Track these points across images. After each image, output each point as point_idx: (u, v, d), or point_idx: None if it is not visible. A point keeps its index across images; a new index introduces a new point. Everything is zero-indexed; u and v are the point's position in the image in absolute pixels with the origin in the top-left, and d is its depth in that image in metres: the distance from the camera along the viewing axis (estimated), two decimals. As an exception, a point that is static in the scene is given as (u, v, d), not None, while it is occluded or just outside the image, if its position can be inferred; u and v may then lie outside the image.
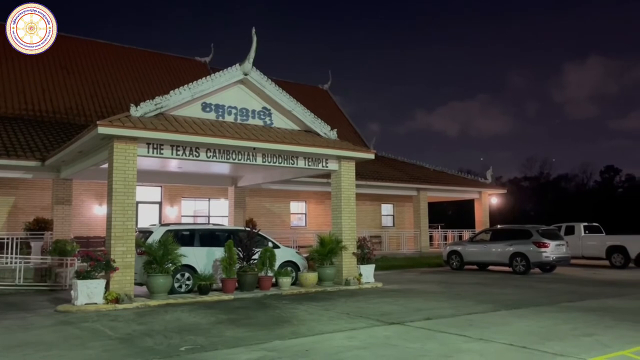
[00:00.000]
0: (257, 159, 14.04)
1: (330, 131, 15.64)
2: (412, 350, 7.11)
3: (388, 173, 26.48)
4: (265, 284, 13.45)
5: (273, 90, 14.59)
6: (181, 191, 22.14)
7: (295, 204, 25.90)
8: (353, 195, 15.68)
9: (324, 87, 34.66)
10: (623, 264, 21.04)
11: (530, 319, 9.49)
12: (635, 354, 6.74)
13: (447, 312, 10.30)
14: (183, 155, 12.92)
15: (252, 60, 14.11)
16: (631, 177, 77.52)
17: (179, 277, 12.79)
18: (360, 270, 15.23)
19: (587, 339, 7.71)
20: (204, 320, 9.53)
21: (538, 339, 7.69)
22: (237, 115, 14.21)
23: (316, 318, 9.72)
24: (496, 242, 20.01)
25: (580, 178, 78.22)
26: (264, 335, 8.16)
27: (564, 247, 19.15)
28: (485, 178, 30.51)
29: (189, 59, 29.90)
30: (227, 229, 15.06)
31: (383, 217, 29.22)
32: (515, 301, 11.74)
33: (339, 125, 20.02)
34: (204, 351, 7.13)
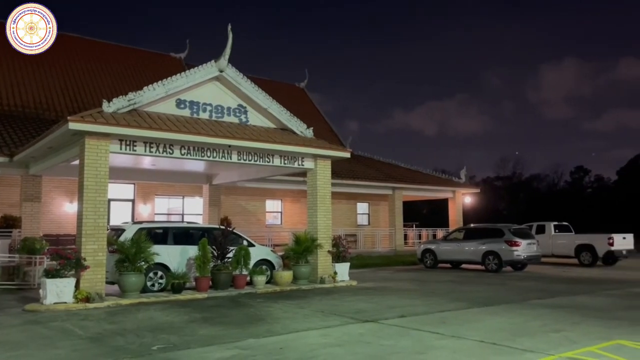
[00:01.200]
0: (232, 156, 13.93)
1: (306, 129, 15.63)
2: (386, 347, 7.16)
3: (364, 172, 26.62)
4: (239, 283, 13.37)
5: (249, 87, 14.50)
6: (155, 189, 21.84)
7: (271, 202, 25.82)
8: (329, 194, 15.70)
9: (300, 85, 34.62)
10: (591, 262, 21.57)
11: (502, 316, 9.65)
12: (601, 349, 6.91)
13: (420, 309, 10.40)
14: (157, 152, 12.75)
15: (227, 56, 14.01)
16: (600, 178, 79.58)
17: (152, 275, 12.62)
18: (335, 269, 15.27)
19: (556, 335, 7.88)
20: (177, 319, 9.43)
21: (508, 335, 7.83)
22: (212, 112, 14.08)
23: (291, 316, 9.71)
24: (469, 240, 20.29)
25: (552, 178, 79.96)
26: (237, 333, 8.12)
27: (535, 245, 19.53)
28: (459, 177, 30.92)
29: (164, 55, 29.52)
30: (201, 227, 14.94)
31: (358, 216, 29.35)
32: (487, 299, 11.93)
33: (316, 124, 20.01)
34: (176, 350, 7.05)
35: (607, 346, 7.09)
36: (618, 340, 7.42)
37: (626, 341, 7.39)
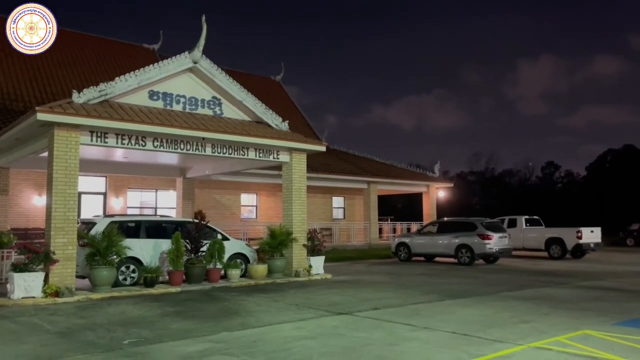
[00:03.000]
0: (206, 149, 13.79)
1: (281, 122, 15.56)
2: (359, 339, 7.20)
3: (339, 166, 26.67)
4: (213, 276, 13.28)
5: (223, 79, 14.35)
6: (127, 182, 21.49)
7: (246, 196, 25.68)
8: (304, 188, 15.68)
9: (276, 78, 34.42)
10: (560, 255, 22.08)
11: (473, 307, 9.81)
12: (568, 339, 7.09)
13: (394, 302, 10.50)
14: (129, 145, 12.52)
15: (201, 48, 13.82)
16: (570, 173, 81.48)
17: (124, 269, 12.43)
18: (310, 262, 15.28)
19: (525, 325, 8.05)
20: (150, 313, 9.32)
21: (480, 326, 7.96)
22: (185, 104, 13.90)
23: (265, 309, 9.69)
24: (442, 234, 20.54)
25: (523, 173, 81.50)
26: (211, 327, 8.06)
27: (506, 239, 19.88)
28: (433, 172, 31.25)
29: (136, 46, 28.98)
30: (174, 221, 14.77)
31: (334, 210, 29.43)
32: (459, 291, 12.10)
33: (291, 117, 19.94)
34: (148, 344, 6.96)
35: (574, 336, 7.27)
36: (585, 331, 7.62)
37: (592, 331, 7.59)
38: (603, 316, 8.82)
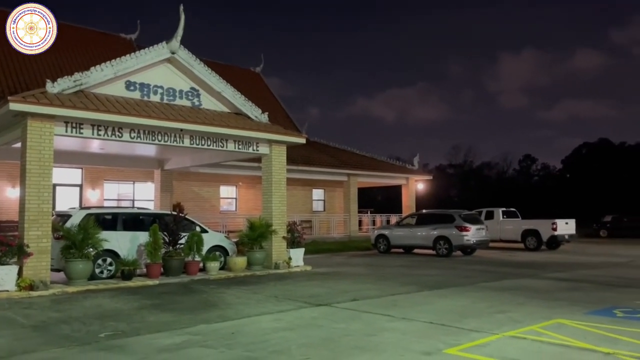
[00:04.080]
0: (184, 140, 13.64)
1: (261, 114, 15.47)
2: (338, 330, 7.24)
3: (319, 158, 26.66)
4: (192, 269, 13.19)
5: (202, 70, 14.20)
6: (103, 173, 21.15)
7: (225, 188, 25.50)
8: (284, 180, 15.64)
9: (256, 69, 34.15)
10: (536, 246, 22.47)
11: (451, 298, 9.93)
12: (542, 328, 7.23)
13: (373, 293, 10.57)
14: (105, 136, 12.31)
15: (179, 38, 13.64)
16: (546, 166, 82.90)
17: (101, 262, 12.26)
18: (290, 254, 15.28)
19: (501, 315, 8.18)
20: (127, 306, 9.22)
21: (457, 316, 8.07)
22: (163, 95, 13.71)
23: (244, 301, 9.67)
24: (421, 226, 20.72)
25: (501, 166, 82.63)
26: (189, 319, 8.02)
27: (483, 231, 20.14)
28: (412, 165, 31.46)
29: (113, 35, 28.42)
30: (152, 213, 14.62)
31: (314, 202, 29.43)
32: (437, 282, 12.24)
33: (271, 109, 19.84)
34: (125, 337, 6.90)
35: (548, 325, 7.42)
36: (558, 320, 7.78)
37: (565, 320, 7.76)
38: (576, 306, 9.01)
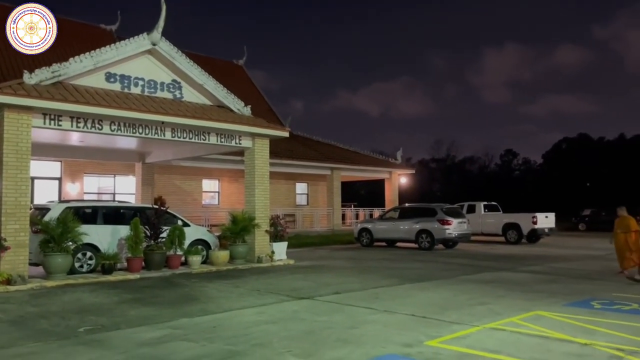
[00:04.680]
0: (165, 133, 13.49)
1: (243, 107, 15.37)
2: (320, 323, 7.25)
3: (303, 152, 26.62)
4: (174, 263, 13.09)
5: (183, 62, 14.04)
6: (83, 167, 20.84)
7: (208, 181, 25.33)
8: (267, 173, 15.58)
9: (239, 62, 33.90)
10: (517, 239, 22.77)
11: (432, 291, 10.01)
12: (522, 320, 7.33)
13: (355, 286, 10.61)
14: (84, 128, 12.12)
15: (161, 29, 13.46)
16: (527, 161, 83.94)
17: (80, 256, 12.11)
18: (272, 248, 15.25)
19: (481, 307, 8.27)
20: (107, 300, 9.12)
21: (438, 309, 8.14)
22: (144, 87, 13.54)
23: (226, 295, 9.63)
24: (404, 219, 20.84)
25: (483, 161, 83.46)
26: (170, 313, 7.96)
27: (465, 224, 20.33)
28: (395, 159, 31.59)
29: (93, 26, 27.92)
30: (133, 207, 14.46)
31: (297, 196, 29.40)
32: (419, 275, 12.33)
33: (254, 102, 19.70)
34: (105, 331, 6.82)
35: (527, 317, 7.53)
36: (537, 312, 7.90)
37: (544, 312, 7.88)
38: (554, 297, 9.15)
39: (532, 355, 5.59)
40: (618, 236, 12.53)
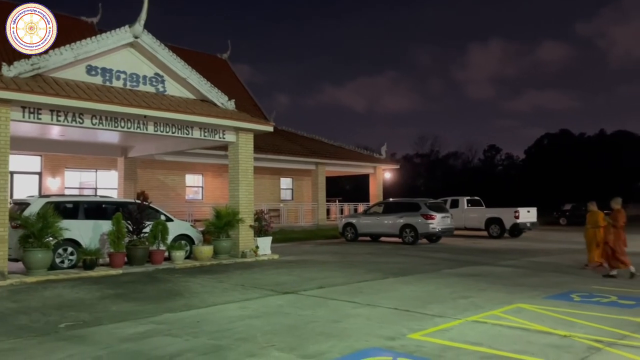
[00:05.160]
0: (148, 127, 13.35)
1: (227, 101, 15.27)
2: (304, 317, 7.26)
3: (287, 147, 26.56)
4: (157, 258, 12.99)
5: (166, 55, 13.89)
6: (64, 161, 20.55)
7: (191, 176, 25.16)
8: (251, 168, 15.52)
9: (223, 56, 33.64)
10: (499, 234, 23.02)
11: (415, 285, 10.08)
12: (503, 312, 7.42)
13: (339, 280, 10.64)
14: (65, 122, 11.95)
15: (143, 22, 13.29)
16: (510, 156, 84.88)
17: (61, 251, 11.96)
18: (257, 243, 15.22)
19: (464, 301, 8.35)
20: (89, 296, 9.03)
21: (420, 302, 8.20)
22: (126, 80, 13.38)
23: (209, 290, 9.59)
24: (388, 214, 20.93)
25: (466, 156, 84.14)
26: (153, 308, 7.91)
27: (448, 219, 20.50)
28: (380, 154, 31.69)
29: (74, 18, 27.43)
30: (115, 201, 14.30)
31: (282, 191, 29.35)
32: (402, 269, 12.40)
33: (238, 96, 19.63)
34: (86, 327, 6.75)
35: (508, 309, 7.62)
36: (518, 304, 8.00)
37: (525, 304, 7.98)
38: (535, 290, 9.28)
39: (513, 347, 5.67)
40: (588, 231, 12.80)
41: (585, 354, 5.39)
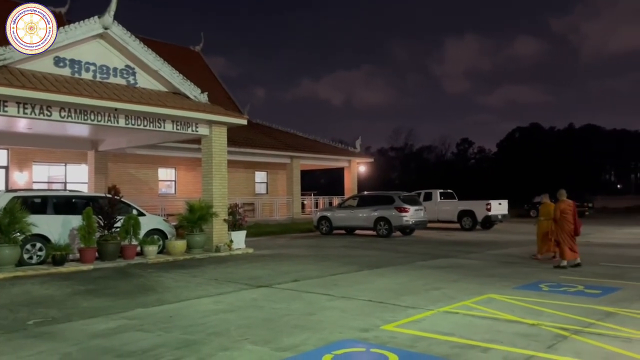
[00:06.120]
0: (119, 120, 13.11)
1: (200, 94, 15.09)
2: (278, 310, 7.26)
3: (262, 140, 26.43)
4: (129, 253, 12.81)
5: (137, 47, 13.64)
6: (32, 155, 20.04)
7: (164, 170, 24.82)
8: (224, 161, 15.40)
9: (195, 48, 33.22)
10: (471, 226, 23.39)
11: (389, 277, 10.18)
12: (474, 303, 7.56)
13: (314, 273, 10.67)
14: (32, 114, 11.65)
15: (113, 13, 13.02)
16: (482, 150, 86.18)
17: (29, 247, 11.69)
18: (231, 237, 15.13)
19: (436, 292, 8.48)
20: (58, 292, 8.85)
21: (394, 294, 8.29)
22: (96, 72, 13.10)
23: (183, 285, 9.51)
24: (362, 207, 21.05)
25: (440, 149, 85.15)
26: (125, 304, 7.80)
27: (422, 211, 20.73)
28: (354, 147, 31.81)
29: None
30: (85, 196, 14.03)
31: (257, 185, 29.23)
32: (377, 262, 12.51)
33: (212, 89, 19.41)
34: (56, 324, 6.62)
35: (479, 300, 7.77)
36: (489, 295, 8.16)
37: (496, 295, 8.14)
38: (505, 281, 9.47)
39: (484, 336, 5.78)
40: (541, 222, 13.12)
41: (552, 342, 5.54)
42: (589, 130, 79.51)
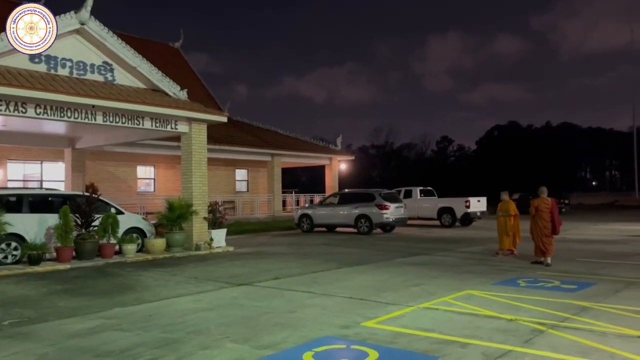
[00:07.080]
0: (97, 117, 12.91)
1: (180, 91, 14.95)
2: (258, 308, 7.24)
3: (242, 138, 26.30)
4: (107, 252, 12.64)
5: (115, 43, 13.45)
6: (7, 152, 19.63)
7: (143, 168, 24.53)
8: (204, 159, 15.28)
9: (175, 45, 32.87)
10: (451, 223, 23.62)
11: (370, 274, 10.23)
12: (454, 299, 7.64)
13: (294, 271, 10.66)
14: (6, 111, 11.40)
15: (89, 8, 12.80)
16: (462, 147, 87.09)
17: (4, 247, 11.46)
18: (211, 235, 15.04)
19: (416, 288, 8.55)
20: (34, 292, 8.70)
21: (374, 291, 8.33)
22: (72, 68, 12.88)
23: (162, 284, 9.42)
24: (343, 205, 21.10)
25: (420, 147, 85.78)
26: (103, 303, 7.70)
27: (402, 209, 20.86)
28: (335, 145, 31.86)
29: (13, 3, 26.14)
30: (62, 194, 13.80)
31: (237, 182, 29.09)
32: (357, 259, 12.56)
33: (191, 86, 19.25)
34: (31, 324, 6.51)
35: (459, 296, 7.85)
36: (468, 291, 8.25)
37: (475, 291, 8.24)
38: (484, 277, 9.59)
39: (463, 332, 5.84)
40: (499, 219, 13.32)
41: (529, 337, 5.63)
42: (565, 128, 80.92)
